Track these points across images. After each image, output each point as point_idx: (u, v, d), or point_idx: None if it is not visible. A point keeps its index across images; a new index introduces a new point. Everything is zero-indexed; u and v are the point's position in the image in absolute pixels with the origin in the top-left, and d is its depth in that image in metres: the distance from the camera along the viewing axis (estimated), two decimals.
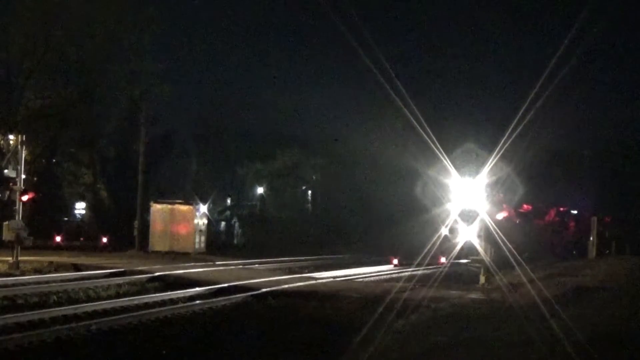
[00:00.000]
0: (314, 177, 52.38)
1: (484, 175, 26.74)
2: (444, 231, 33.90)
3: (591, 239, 27.75)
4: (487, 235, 27.14)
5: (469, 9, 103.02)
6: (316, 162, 50.92)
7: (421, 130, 28.60)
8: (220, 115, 56.23)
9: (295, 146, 51.02)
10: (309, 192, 53.87)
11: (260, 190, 54.47)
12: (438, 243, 33.13)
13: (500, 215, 28.82)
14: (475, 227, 29.90)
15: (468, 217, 30.97)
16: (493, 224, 26.68)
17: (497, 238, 25.81)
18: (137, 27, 38.39)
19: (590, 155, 50.07)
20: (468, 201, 28.97)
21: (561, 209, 41.85)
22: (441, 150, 28.49)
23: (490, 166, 26.29)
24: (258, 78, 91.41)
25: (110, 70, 38.81)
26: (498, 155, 26.12)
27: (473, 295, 19.42)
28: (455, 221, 32.84)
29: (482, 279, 23.29)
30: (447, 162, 28.80)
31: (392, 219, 42.08)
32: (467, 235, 32.24)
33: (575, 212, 42.90)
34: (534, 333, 11.23)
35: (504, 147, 26.16)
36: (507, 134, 26.55)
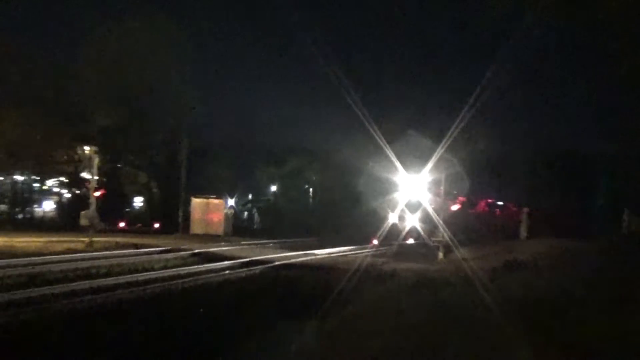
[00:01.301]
0: (314, 178, 52.03)
1: (426, 173, 26.85)
2: (392, 218, 34.14)
3: (522, 224, 27.54)
4: (430, 221, 27.04)
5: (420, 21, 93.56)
6: (316, 167, 50.65)
7: (378, 139, 28.63)
8: (243, 131, 56.38)
9: (300, 154, 50.67)
10: (310, 189, 53.59)
11: (273, 188, 54.28)
12: (389, 227, 33.29)
13: (438, 206, 28.38)
14: (419, 214, 30.01)
15: (413, 206, 30.97)
16: (434, 213, 26.59)
17: (438, 223, 25.58)
18: (178, 65, 38.66)
19: (518, 160, 49.11)
20: (413, 194, 29.10)
21: (489, 200, 41.16)
22: (392, 154, 28.56)
23: (431, 166, 26.26)
24: (273, 102, 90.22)
25: (158, 97, 38.99)
26: (438, 155, 25.82)
27: (434, 267, 19.35)
28: (403, 210, 32.93)
29: (440, 255, 23.21)
30: (398, 165, 29.05)
31: (373, 209, 41.70)
32: (412, 221, 32.39)
33: (501, 203, 42.28)
34: (480, 295, 11.15)
35: (443, 149, 25.74)
36: (445, 139, 25.99)
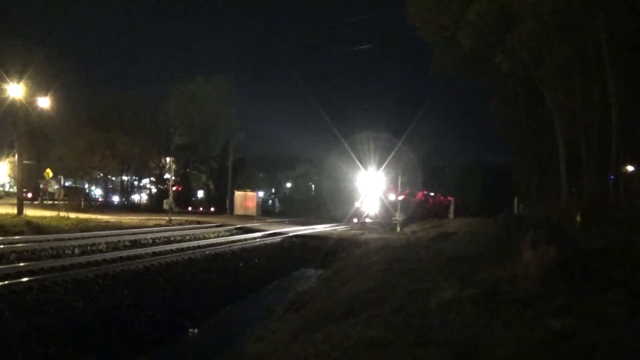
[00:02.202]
0: (315, 178, 51.88)
1: (381, 174, 27.11)
2: (357, 204, 34.21)
3: (451, 208, 27.22)
4: (387, 206, 27.05)
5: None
6: (315, 171, 50.45)
7: (352, 153, 29.01)
8: (268, 147, 56.28)
9: (305, 163, 50.56)
10: (313, 186, 53.42)
11: (288, 185, 54.22)
12: (362, 210, 33.35)
13: (392, 196, 28.12)
14: (381, 202, 30.20)
15: (377, 196, 31.16)
16: (386, 201, 26.70)
17: (394, 208, 25.50)
18: (227, 105, 38.62)
19: (446, 165, 47.16)
20: (377, 188, 29.24)
21: (425, 192, 40.17)
22: (360, 163, 28.92)
23: (388, 168, 26.60)
24: (287, 129, 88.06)
25: (215, 125, 38.92)
26: (389, 160, 26.10)
27: (394, 237, 19.28)
28: (371, 198, 32.93)
29: (398, 228, 23.23)
30: (364, 169, 29.46)
31: (351, 198, 41.14)
32: (372, 207, 32.41)
33: (432, 194, 41.20)
34: (423, 254, 11.15)
35: (392, 156, 26.00)
36: (394, 151, 26.08)
